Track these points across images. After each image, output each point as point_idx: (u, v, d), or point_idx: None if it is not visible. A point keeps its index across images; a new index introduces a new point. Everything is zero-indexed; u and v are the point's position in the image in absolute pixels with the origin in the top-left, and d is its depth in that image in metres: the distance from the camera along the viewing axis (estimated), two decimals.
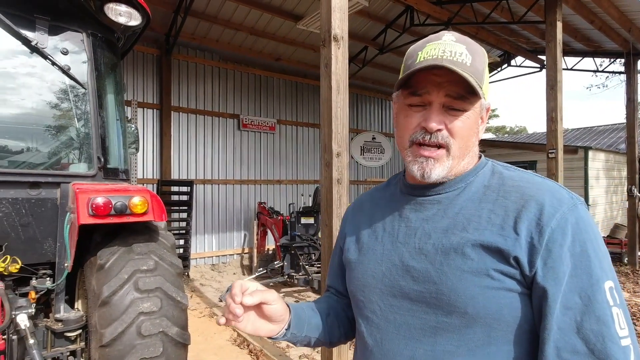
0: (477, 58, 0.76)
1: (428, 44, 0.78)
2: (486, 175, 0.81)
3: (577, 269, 0.67)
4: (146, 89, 7.21)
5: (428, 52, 0.76)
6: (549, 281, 0.67)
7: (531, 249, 0.69)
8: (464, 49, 0.76)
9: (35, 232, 2.19)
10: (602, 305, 0.65)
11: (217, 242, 8.00)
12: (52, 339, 2.29)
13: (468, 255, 0.72)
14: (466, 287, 0.70)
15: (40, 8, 2.15)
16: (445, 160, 0.78)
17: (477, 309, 0.70)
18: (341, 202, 2.84)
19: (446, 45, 0.76)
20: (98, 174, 2.32)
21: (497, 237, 0.71)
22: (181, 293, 2.27)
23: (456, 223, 0.76)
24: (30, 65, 2.21)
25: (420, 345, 0.75)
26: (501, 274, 0.69)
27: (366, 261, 0.86)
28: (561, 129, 5.27)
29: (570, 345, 0.65)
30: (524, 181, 0.77)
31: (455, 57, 0.74)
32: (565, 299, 0.66)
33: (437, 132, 0.76)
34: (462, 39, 0.78)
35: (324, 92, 2.84)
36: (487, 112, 0.82)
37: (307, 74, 9.22)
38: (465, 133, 0.77)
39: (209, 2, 6.58)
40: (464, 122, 0.77)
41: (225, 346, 3.99)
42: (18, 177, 2.11)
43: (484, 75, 0.77)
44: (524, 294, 0.70)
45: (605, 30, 6.80)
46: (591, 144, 9.80)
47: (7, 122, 2.18)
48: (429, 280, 0.75)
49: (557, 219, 0.69)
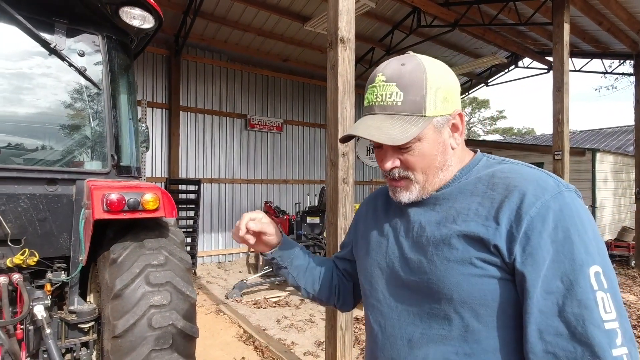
0: (411, 90, 0.79)
1: (369, 85, 0.85)
2: (480, 170, 0.85)
3: (559, 255, 0.69)
4: (155, 89, 7.33)
5: (367, 98, 0.84)
6: (527, 267, 0.70)
7: (509, 236, 0.72)
8: (394, 88, 0.80)
9: (51, 227, 2.27)
10: (585, 289, 0.66)
11: (224, 241, 8.09)
12: (66, 330, 2.37)
13: (454, 245, 0.77)
14: (452, 275, 0.76)
15: (58, 12, 2.25)
16: (411, 186, 0.85)
17: (462, 295, 0.75)
18: (346, 201, 2.89)
19: (378, 90, 0.82)
20: (111, 171, 2.41)
21: (480, 227, 0.75)
22: (190, 287, 2.33)
23: (447, 216, 0.82)
24: (47, 66, 2.30)
25: (417, 330, 0.82)
26: (484, 262, 0.74)
27: (373, 254, 0.94)
28: (567, 130, 5.27)
29: (553, 327, 0.68)
30: (513, 172, 0.80)
31: (385, 101, 0.80)
32: (546, 283, 0.69)
33: (393, 169, 0.84)
34: (395, 75, 0.80)
35: (330, 93, 2.90)
36: (461, 119, 0.84)
37: (314, 74, 9.28)
38: (422, 161, 0.82)
39: (218, 4, 6.67)
40: (417, 153, 0.82)
41: (232, 342, 4.06)
42: (36, 173, 2.20)
43: (425, 99, 0.79)
44: (506, 280, 0.73)
45: (614, 31, 6.77)
46: (599, 146, 9.74)
47: (26, 121, 2.27)
48: (422, 271, 0.81)
49: (537, 207, 0.71)
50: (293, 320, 4.72)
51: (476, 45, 8.93)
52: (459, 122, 0.84)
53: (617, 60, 9.00)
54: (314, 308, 5.24)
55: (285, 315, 4.89)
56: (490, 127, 32.61)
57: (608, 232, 9.60)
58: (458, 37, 8.47)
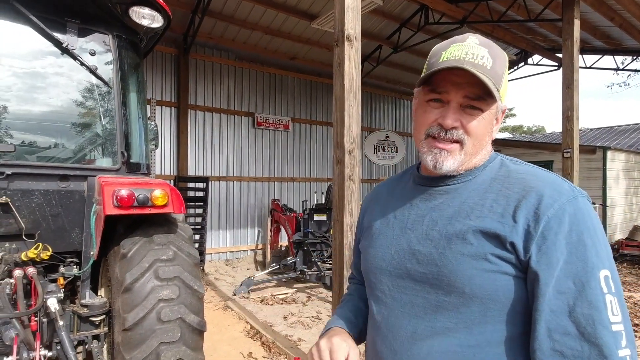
0: (497, 62, 0.81)
1: (452, 44, 0.83)
2: (494, 168, 0.86)
3: (572, 256, 0.71)
4: (164, 87, 7.41)
5: (451, 53, 0.81)
6: (542, 266, 0.72)
7: (527, 235, 0.74)
8: (486, 52, 0.81)
9: (63, 222, 2.33)
10: (595, 291, 0.69)
11: (232, 238, 8.16)
12: (78, 323, 2.43)
13: (468, 240, 0.78)
14: (465, 269, 0.77)
15: (70, 12, 2.30)
16: (458, 154, 0.83)
17: (473, 289, 0.76)
18: (352, 198, 2.90)
19: (469, 48, 0.81)
20: (122, 168, 2.46)
21: (496, 224, 0.76)
22: (198, 282, 2.38)
23: (460, 211, 0.83)
24: (59, 65, 2.36)
25: (422, 322, 0.82)
26: (498, 258, 0.75)
27: (377, 245, 0.94)
28: (577, 128, 5.22)
29: (562, 327, 0.70)
30: (529, 174, 0.82)
31: (476, 60, 0.79)
32: (559, 283, 0.71)
33: (453, 129, 0.82)
34: (485, 42, 0.83)
35: (336, 91, 2.91)
36: (502, 114, 0.87)
37: (322, 72, 9.29)
38: (480, 132, 0.83)
39: (226, 3, 6.71)
40: (480, 122, 0.82)
41: (239, 337, 4.12)
42: (50, 170, 2.26)
43: (502, 79, 0.82)
44: (518, 278, 0.75)
45: (626, 27, 6.67)
46: (611, 144, 9.59)
47: (39, 119, 2.33)
48: (432, 263, 0.82)
49: (554, 209, 0.73)
50: (300, 317, 4.76)
51: None
52: (501, 117, 0.87)
53: (630, 56, 8.86)
54: (321, 305, 5.27)
55: (292, 312, 4.93)
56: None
57: (619, 231, 9.46)
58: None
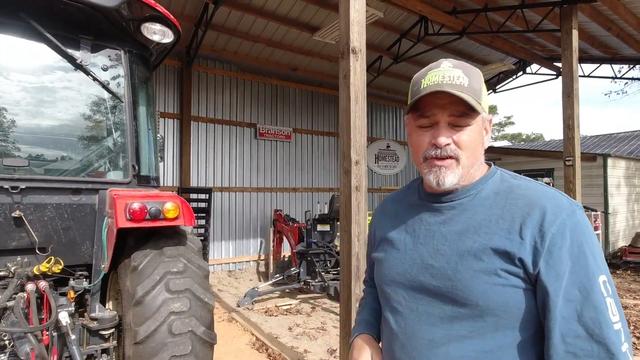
0: (473, 79, 0.89)
1: (429, 72, 0.91)
2: (496, 183, 0.92)
3: (575, 267, 0.79)
4: (167, 99, 7.47)
5: (430, 79, 0.89)
6: (551, 279, 0.79)
7: (534, 251, 0.80)
8: (460, 72, 0.89)
9: (75, 235, 2.34)
10: (598, 296, 0.77)
11: (234, 249, 8.15)
12: (87, 337, 2.42)
13: (479, 257, 0.84)
14: (478, 284, 0.83)
15: (84, 29, 2.35)
16: (456, 168, 0.89)
17: (487, 302, 0.82)
18: (359, 208, 2.92)
19: (445, 72, 0.89)
20: (132, 181, 2.48)
21: (505, 241, 0.83)
22: (208, 294, 2.38)
23: (469, 227, 0.88)
24: (72, 80, 2.40)
25: (438, 330, 0.88)
26: (508, 273, 0.81)
27: (391, 259, 0.99)
28: (578, 136, 5.26)
29: (573, 331, 0.77)
30: (529, 190, 0.88)
31: (454, 81, 0.87)
32: (566, 292, 0.78)
33: (446, 146, 0.89)
34: (458, 64, 0.91)
35: (342, 102, 2.96)
36: (489, 124, 0.94)
37: (323, 83, 9.38)
38: (472, 144, 0.90)
39: (229, 16, 6.81)
40: (469, 135, 0.89)
41: (245, 349, 4.09)
42: (62, 184, 2.28)
43: (481, 93, 0.89)
44: (527, 290, 0.81)
45: (623, 36, 6.77)
46: (611, 152, 9.64)
47: (52, 134, 2.36)
48: (446, 277, 0.87)
49: (557, 225, 0.80)
50: (305, 328, 4.73)
51: (484, 53, 8.96)
52: (489, 126, 0.94)
53: (627, 65, 8.97)
54: (325, 316, 5.24)
55: (297, 323, 4.91)
56: (499, 133, 32.45)
57: (622, 238, 9.46)
58: (466, 45, 8.52)
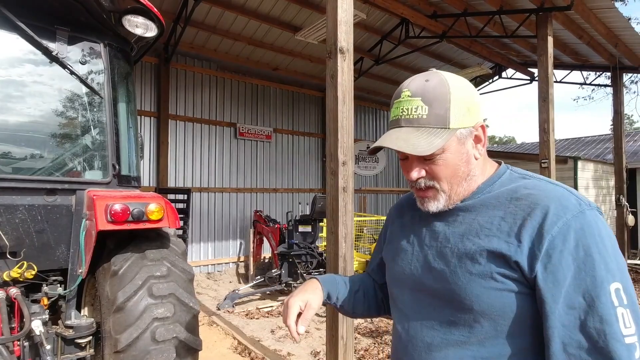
0: (435, 104, 0.82)
1: (394, 100, 0.88)
2: (504, 183, 0.88)
3: (580, 272, 0.72)
4: (144, 97, 7.23)
5: (393, 113, 0.88)
6: (549, 284, 0.74)
7: (531, 254, 0.76)
8: (419, 102, 0.83)
9: (49, 239, 2.20)
10: (606, 305, 0.70)
11: (213, 251, 7.98)
12: (63, 346, 2.29)
13: (477, 260, 0.81)
14: (473, 287, 0.80)
15: (60, 19, 2.21)
16: (438, 195, 0.88)
17: (482, 306, 0.79)
18: (347, 209, 2.90)
19: (403, 104, 0.85)
20: (112, 181, 2.36)
21: (502, 244, 0.79)
22: (193, 299, 2.29)
23: (471, 229, 0.86)
24: (48, 74, 2.26)
25: (438, 334, 0.86)
26: (504, 277, 0.78)
27: (399, 260, 0.98)
28: (553, 139, 5.44)
29: (576, 341, 0.71)
30: (536, 189, 0.83)
31: (411, 114, 0.84)
32: (568, 299, 0.72)
33: (419, 179, 0.87)
34: (419, 90, 0.84)
35: (330, 103, 2.92)
36: (483, 130, 0.87)
37: (304, 83, 9.33)
38: (446, 171, 0.86)
39: (209, 13, 6.66)
40: (441, 164, 0.85)
41: (227, 354, 3.99)
42: (36, 184, 2.14)
43: (449, 113, 0.82)
44: (525, 294, 0.77)
45: (593, 45, 7.06)
46: (579, 154, 10.05)
47: (25, 131, 2.21)
48: (445, 280, 0.85)
49: (558, 226, 0.75)
50: (287, 331, 4.67)
51: (463, 56, 9.16)
52: (482, 133, 0.88)
53: (595, 72, 9.37)
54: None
55: (279, 326, 4.84)
56: None
57: None
58: (445, 48, 8.67)
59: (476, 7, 6.54)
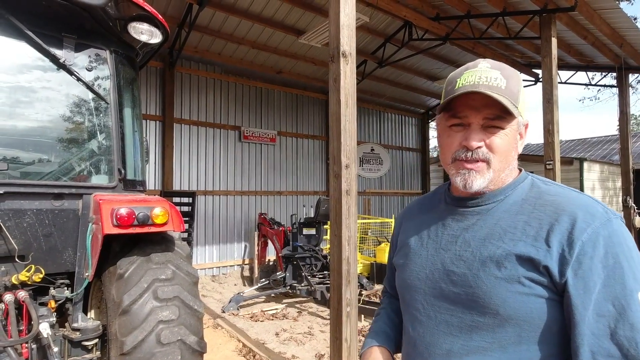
0: (511, 81, 0.84)
1: (466, 71, 0.87)
2: (524, 189, 0.87)
3: (610, 280, 0.72)
4: (149, 101, 7.30)
5: (466, 79, 0.85)
6: (579, 290, 0.73)
7: (562, 260, 0.75)
8: (498, 74, 0.84)
9: (56, 242, 2.24)
10: (636, 313, 0.69)
11: (218, 253, 8.01)
12: (69, 349, 2.32)
13: (502, 263, 0.79)
14: (499, 291, 0.78)
15: (67, 27, 2.25)
16: (486, 172, 0.85)
17: (508, 311, 0.77)
18: (350, 212, 2.91)
19: (482, 72, 0.85)
20: (118, 185, 2.39)
21: (530, 248, 0.77)
22: (198, 302, 2.32)
23: (493, 233, 0.84)
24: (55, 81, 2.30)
25: (457, 341, 0.83)
26: (531, 282, 0.76)
27: (412, 264, 0.95)
28: (558, 141, 5.42)
29: (605, 349, 0.70)
30: (560, 196, 0.83)
31: (490, 82, 0.83)
32: (598, 307, 0.71)
33: (477, 149, 0.84)
34: (497, 65, 0.87)
35: (332, 106, 2.94)
36: (525, 129, 0.90)
37: (307, 86, 9.36)
38: (504, 148, 0.85)
39: (213, 17, 6.72)
40: (502, 139, 0.84)
41: (232, 357, 4.01)
42: (43, 188, 2.17)
43: (519, 96, 0.85)
44: (553, 300, 0.76)
45: (598, 45, 7.02)
46: (585, 155, 9.99)
47: (33, 136, 2.25)
48: (466, 284, 0.83)
49: (588, 233, 0.74)
50: (292, 333, 4.68)
51: (466, 58, 9.13)
52: (524, 131, 0.89)
53: (600, 72, 9.32)
54: (312, 320, 5.20)
55: (284, 328, 4.85)
56: None
57: None
58: (449, 50, 8.67)
59: (479, 9, 6.54)
